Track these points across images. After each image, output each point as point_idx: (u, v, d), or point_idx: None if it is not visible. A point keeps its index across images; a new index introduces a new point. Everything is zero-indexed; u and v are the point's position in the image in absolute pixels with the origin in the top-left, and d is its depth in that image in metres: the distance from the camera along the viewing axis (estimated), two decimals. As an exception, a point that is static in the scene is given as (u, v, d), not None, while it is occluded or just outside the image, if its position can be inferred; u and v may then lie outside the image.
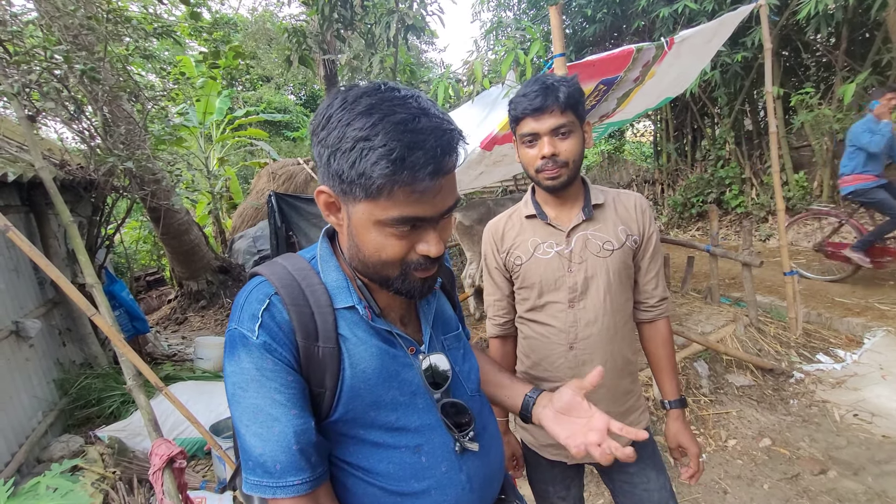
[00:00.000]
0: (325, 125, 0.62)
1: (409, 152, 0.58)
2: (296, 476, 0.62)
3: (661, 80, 3.06)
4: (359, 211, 0.63)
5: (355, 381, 0.67)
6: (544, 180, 1.13)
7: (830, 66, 6.73)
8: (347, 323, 0.69)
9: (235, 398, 0.64)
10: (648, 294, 1.25)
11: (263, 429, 0.62)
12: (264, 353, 0.63)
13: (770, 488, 2.24)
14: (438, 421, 0.73)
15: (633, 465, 1.25)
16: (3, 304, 2.81)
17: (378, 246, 0.65)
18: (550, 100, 1.07)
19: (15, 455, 2.53)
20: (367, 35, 5.84)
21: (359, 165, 0.59)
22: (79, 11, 3.19)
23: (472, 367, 0.85)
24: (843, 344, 3.59)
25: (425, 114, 0.60)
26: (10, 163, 2.91)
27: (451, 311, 0.89)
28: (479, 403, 0.83)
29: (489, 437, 0.81)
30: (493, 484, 0.81)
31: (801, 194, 6.92)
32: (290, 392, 0.63)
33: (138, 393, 2.18)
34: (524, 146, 1.14)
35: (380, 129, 0.58)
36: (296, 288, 0.68)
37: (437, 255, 0.66)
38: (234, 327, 0.65)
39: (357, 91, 0.62)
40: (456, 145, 0.63)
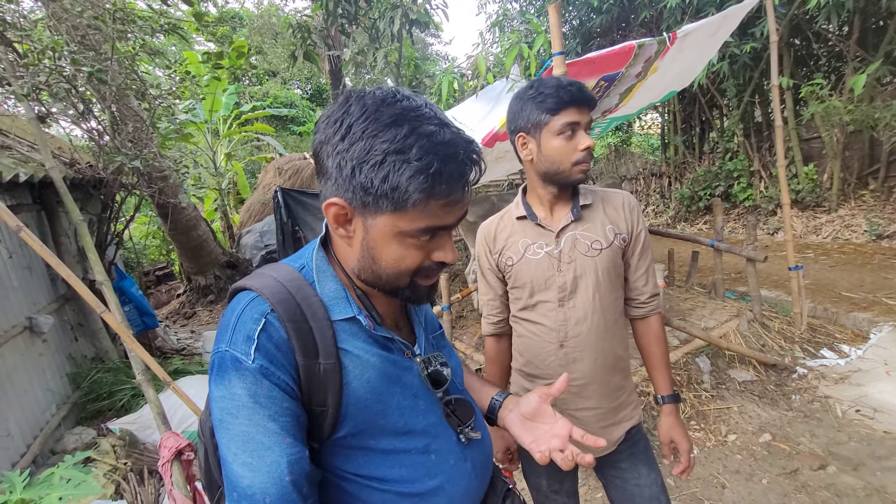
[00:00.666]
0: (346, 135, 0.60)
1: (445, 166, 0.58)
2: None
3: (664, 75, 3.03)
4: (380, 223, 0.62)
5: (361, 393, 0.66)
6: (577, 173, 1.14)
7: (842, 56, 6.60)
8: (347, 335, 0.67)
9: (224, 424, 0.59)
10: (639, 290, 1.27)
11: (254, 458, 0.58)
12: (260, 378, 0.59)
13: (768, 483, 2.25)
14: (440, 419, 0.74)
15: (625, 461, 1.28)
16: (17, 300, 2.89)
17: (398, 257, 0.64)
18: (589, 96, 1.12)
19: (30, 447, 2.61)
20: (372, 30, 5.84)
21: (392, 179, 0.58)
22: (86, 12, 3.23)
23: (456, 363, 0.87)
24: (848, 339, 3.57)
25: (445, 125, 0.61)
26: (21, 163, 2.97)
27: (432, 311, 0.91)
28: (469, 396, 0.86)
29: (479, 422, 0.84)
30: (489, 465, 0.85)
31: (810, 187, 6.84)
32: (284, 420, 0.60)
33: (147, 387, 2.24)
34: (559, 137, 1.12)
35: (413, 142, 0.57)
36: (291, 302, 0.64)
37: (452, 262, 0.67)
38: (224, 349, 0.61)
39: (374, 99, 0.61)
40: (479, 157, 0.64)
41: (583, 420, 1.23)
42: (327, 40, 6.44)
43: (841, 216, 6.63)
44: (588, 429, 1.23)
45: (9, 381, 2.61)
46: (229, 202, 10.08)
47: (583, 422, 1.23)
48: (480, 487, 0.79)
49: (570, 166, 1.13)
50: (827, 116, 6.10)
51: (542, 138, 1.14)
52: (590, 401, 1.22)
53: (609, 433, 1.25)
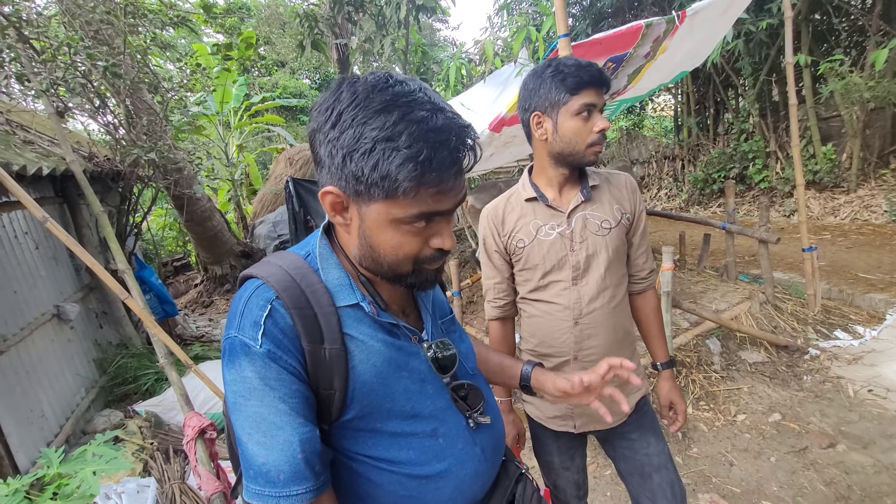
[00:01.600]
0: (336, 123, 0.59)
1: (436, 153, 0.57)
2: (299, 485, 0.61)
3: (673, 55, 2.98)
4: (374, 211, 0.62)
5: (367, 378, 0.67)
6: (591, 155, 1.15)
7: (864, 30, 6.38)
8: (352, 321, 0.68)
9: (237, 407, 0.62)
10: (640, 267, 1.32)
11: (267, 437, 0.60)
12: (268, 361, 0.61)
13: (777, 461, 2.28)
14: (449, 403, 0.75)
15: (634, 432, 1.32)
16: (45, 289, 3.02)
17: (396, 244, 0.64)
18: (605, 79, 1.13)
19: (63, 427, 2.76)
20: (378, 17, 5.82)
21: (382, 167, 0.57)
22: (98, 7, 3.29)
23: (468, 347, 0.88)
24: (863, 320, 3.53)
25: (440, 110, 0.59)
26: (43, 157, 3.07)
27: (442, 295, 0.91)
28: (480, 380, 0.87)
29: (491, 407, 0.85)
30: (500, 449, 0.85)
31: (828, 167, 6.67)
32: (294, 401, 0.62)
33: (170, 370, 2.34)
34: (576, 118, 1.12)
35: (402, 129, 0.56)
36: (296, 289, 0.65)
37: (451, 248, 0.67)
38: (233, 335, 0.63)
39: (365, 85, 0.60)
40: (473, 143, 0.63)
41: None
42: (334, 29, 6.43)
43: (860, 196, 6.47)
44: (601, 402, 1.28)
45: (41, 366, 2.75)
46: (242, 193, 10.22)
47: None
48: (490, 471, 0.80)
49: (584, 148, 1.14)
50: (847, 94, 5.92)
51: (559, 118, 1.14)
52: None
53: (620, 405, 1.29)
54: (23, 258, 2.87)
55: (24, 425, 2.43)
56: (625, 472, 1.35)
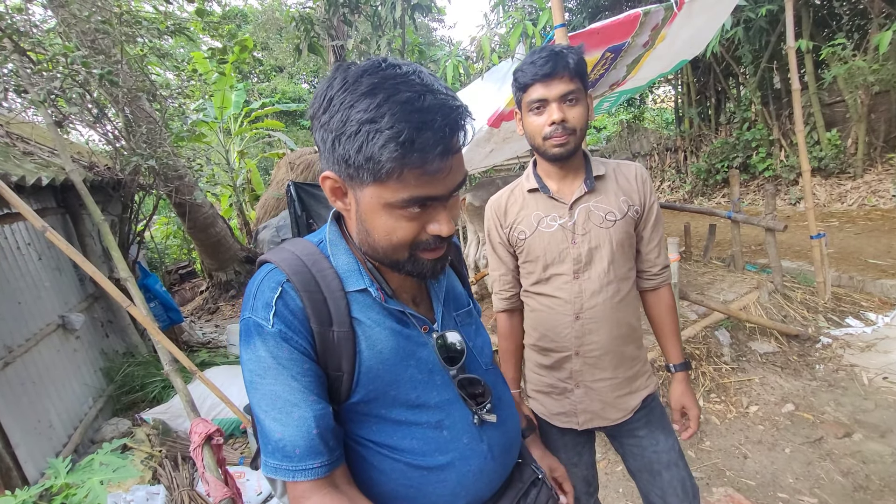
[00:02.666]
0: (327, 108, 0.60)
1: (418, 133, 0.56)
2: (315, 459, 0.63)
3: (673, 43, 2.94)
4: (367, 195, 0.62)
5: (373, 363, 0.68)
6: (551, 148, 1.12)
7: (865, 13, 6.29)
8: (360, 306, 0.69)
9: (253, 385, 0.65)
10: (651, 263, 1.27)
11: (283, 414, 0.63)
12: (280, 341, 0.63)
13: (792, 452, 2.24)
14: (456, 396, 0.74)
15: (642, 429, 1.28)
16: (49, 300, 3.02)
17: (389, 229, 0.64)
18: (560, 66, 1.07)
19: (71, 437, 2.75)
20: (374, 17, 5.80)
21: (366, 149, 0.57)
22: (93, 17, 3.29)
23: (484, 341, 0.86)
24: (874, 307, 3.48)
25: (430, 91, 0.58)
26: (42, 167, 3.08)
27: (460, 287, 0.90)
28: (494, 376, 0.85)
29: (505, 407, 0.83)
30: (512, 451, 0.84)
31: (833, 153, 6.60)
32: (307, 379, 0.64)
33: (175, 377, 2.33)
34: (531, 114, 1.13)
35: (386, 111, 0.55)
36: (306, 274, 0.67)
37: (448, 235, 0.65)
38: (248, 316, 0.66)
39: (357, 70, 0.60)
40: (464, 122, 0.61)
41: (599, 391, 1.24)
42: (330, 31, 6.42)
43: (867, 182, 6.39)
44: (604, 399, 1.25)
45: (48, 376, 2.75)
46: (245, 199, 10.24)
47: (599, 392, 1.24)
48: (498, 470, 0.79)
49: (542, 141, 1.13)
50: (850, 78, 5.85)
51: (523, 115, 1.16)
52: (605, 371, 1.23)
53: (625, 402, 1.26)
54: (26, 269, 2.87)
55: (32, 436, 2.43)
56: (634, 470, 1.32)
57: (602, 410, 1.26)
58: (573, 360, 1.24)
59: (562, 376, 1.27)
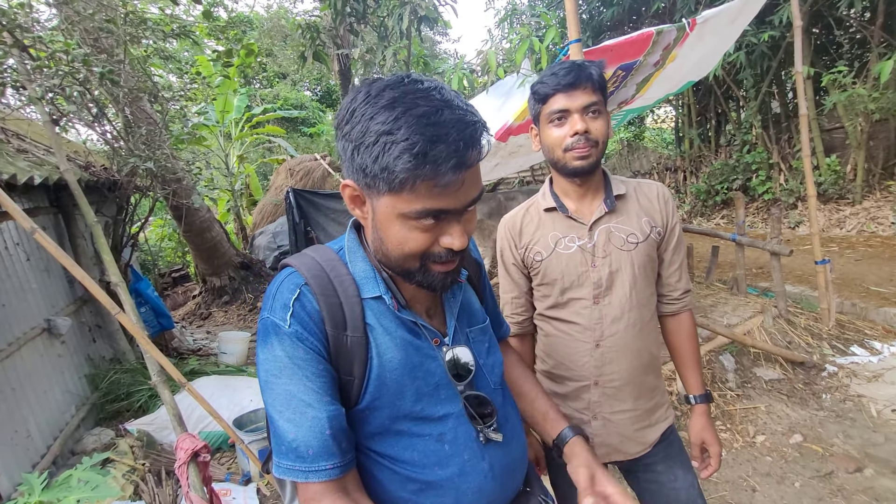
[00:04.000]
0: (349, 119, 0.62)
1: (432, 146, 0.57)
2: (327, 461, 0.63)
3: (682, 64, 2.94)
4: (382, 204, 0.63)
5: (381, 371, 0.69)
6: (573, 160, 1.07)
7: (865, 42, 6.39)
8: (374, 313, 0.71)
9: (269, 385, 0.65)
10: (672, 287, 1.21)
11: (297, 415, 0.63)
12: (296, 341, 0.65)
13: (801, 486, 2.16)
14: (461, 411, 0.74)
15: (660, 464, 1.21)
16: (35, 302, 2.91)
17: (401, 239, 0.65)
18: (583, 76, 1.04)
19: (50, 447, 2.63)
20: (380, 28, 5.81)
21: (382, 160, 0.59)
22: (97, 15, 3.25)
23: (496, 360, 0.85)
24: (879, 335, 3.43)
25: (448, 106, 0.59)
26: (36, 165, 3.00)
27: (477, 303, 0.89)
28: (502, 396, 0.84)
29: (511, 428, 0.82)
30: (516, 474, 0.82)
31: (832, 179, 6.64)
32: (321, 380, 0.65)
33: (163, 389, 2.23)
34: (551, 126, 1.09)
35: (402, 123, 0.57)
36: (324, 278, 0.69)
37: (461, 248, 0.66)
38: (266, 316, 0.67)
39: (380, 84, 0.62)
40: (479, 137, 0.62)
41: (618, 423, 1.17)
42: (336, 40, 6.42)
43: (866, 208, 6.42)
44: (623, 432, 1.17)
45: (28, 383, 2.63)
46: (242, 204, 10.15)
47: (618, 425, 1.17)
48: (499, 491, 0.77)
49: (562, 153, 1.08)
50: (850, 105, 5.91)
51: (541, 129, 1.13)
52: (626, 403, 1.16)
53: (644, 435, 1.18)
54: (13, 270, 2.77)
55: (8, 447, 2.31)
56: None
57: (621, 444, 1.18)
58: (592, 390, 1.17)
59: (578, 406, 1.20)
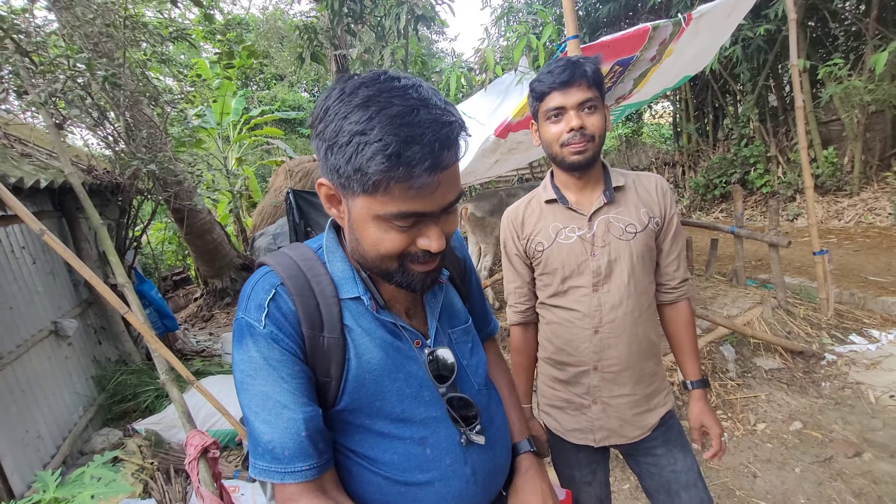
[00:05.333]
0: (323, 117, 0.60)
1: (405, 147, 0.55)
2: (304, 462, 0.63)
3: (679, 58, 2.97)
4: (357, 205, 0.62)
5: (360, 372, 0.68)
6: (570, 155, 1.11)
7: (860, 34, 6.42)
8: (353, 314, 0.69)
9: (244, 385, 0.64)
10: (670, 276, 1.24)
11: (272, 416, 0.62)
12: (271, 342, 0.63)
13: (802, 472, 2.20)
14: (444, 414, 0.73)
15: (660, 447, 1.25)
16: (41, 305, 2.95)
17: (377, 240, 0.63)
18: (578, 73, 1.07)
19: (60, 448, 2.66)
20: (378, 28, 5.83)
21: (355, 160, 0.57)
22: (97, 20, 3.27)
23: (479, 360, 0.84)
24: (877, 324, 3.47)
25: (424, 105, 0.57)
26: (41, 170, 3.02)
27: (460, 303, 0.87)
28: (486, 398, 0.82)
29: (495, 430, 0.81)
30: (498, 477, 0.81)
31: (830, 171, 6.66)
32: (297, 381, 0.64)
33: (171, 386, 2.26)
34: (548, 122, 1.12)
35: (376, 123, 0.55)
36: (301, 278, 0.68)
37: (438, 251, 0.64)
38: (241, 316, 0.66)
39: (355, 82, 0.60)
40: (456, 138, 0.60)
41: (617, 407, 1.20)
42: (333, 40, 6.44)
43: (864, 199, 6.45)
44: (622, 416, 1.21)
45: (37, 384, 2.66)
46: (242, 206, 10.18)
47: (617, 409, 1.20)
48: (481, 496, 0.76)
49: (559, 149, 1.12)
50: (846, 97, 5.94)
51: (540, 125, 1.16)
52: (625, 388, 1.20)
53: (643, 420, 1.22)
54: (19, 273, 2.80)
55: (19, 447, 2.34)
56: (650, 490, 1.28)
57: (620, 428, 1.22)
58: (591, 374, 1.20)
59: (578, 391, 1.23)
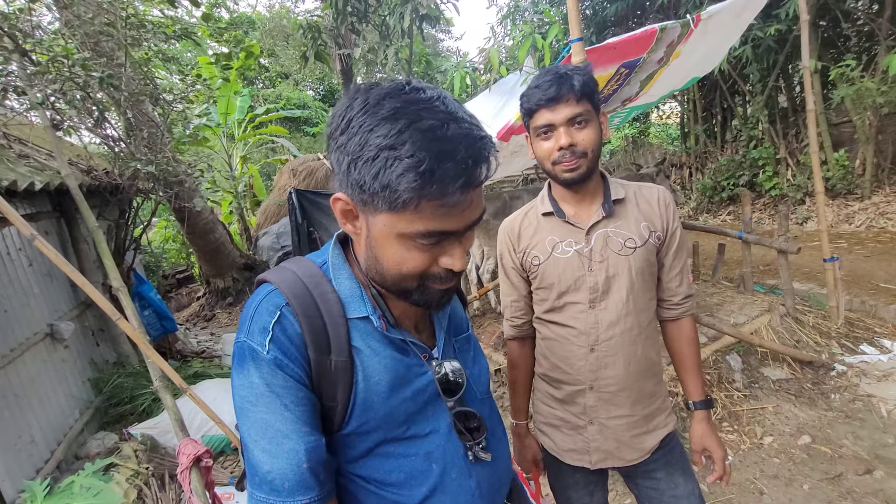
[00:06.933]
0: (346, 129, 0.58)
1: (439, 164, 0.53)
2: (304, 495, 0.60)
3: (687, 60, 2.89)
4: (380, 222, 0.60)
5: (368, 394, 0.66)
6: (562, 173, 1.08)
7: (873, 35, 6.29)
8: (361, 334, 0.67)
9: (244, 412, 0.62)
10: (672, 292, 1.19)
11: (272, 445, 0.60)
12: (275, 368, 0.61)
13: (810, 489, 2.12)
14: (449, 427, 0.72)
15: (660, 470, 1.19)
16: (38, 307, 2.92)
17: (399, 259, 0.61)
18: (565, 89, 1.02)
19: (54, 452, 2.63)
20: (382, 27, 5.77)
21: (383, 177, 0.54)
22: (97, 19, 3.24)
23: (481, 369, 0.83)
24: (889, 333, 3.38)
25: (454, 119, 0.56)
26: (37, 171, 3.00)
27: (461, 311, 0.87)
28: (488, 407, 0.81)
29: (497, 441, 0.80)
30: (502, 490, 0.81)
31: (841, 174, 6.54)
32: (300, 409, 0.61)
33: (164, 394, 2.22)
34: (539, 139, 1.09)
35: (406, 138, 0.53)
36: (307, 297, 0.65)
37: (461, 270, 0.63)
38: (243, 339, 0.63)
39: (379, 92, 0.57)
40: (488, 155, 0.58)
41: (614, 429, 1.15)
42: (338, 39, 6.40)
43: (875, 203, 6.33)
44: (620, 438, 1.16)
45: (32, 388, 2.64)
46: (246, 205, 10.17)
47: (614, 430, 1.15)
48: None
49: (551, 166, 1.09)
50: (859, 99, 5.81)
51: (532, 140, 1.13)
52: (622, 408, 1.14)
53: (642, 442, 1.16)
54: (15, 276, 2.77)
55: (12, 452, 2.31)
56: None
57: (617, 450, 1.17)
58: (587, 394, 1.15)
59: (574, 411, 1.18)
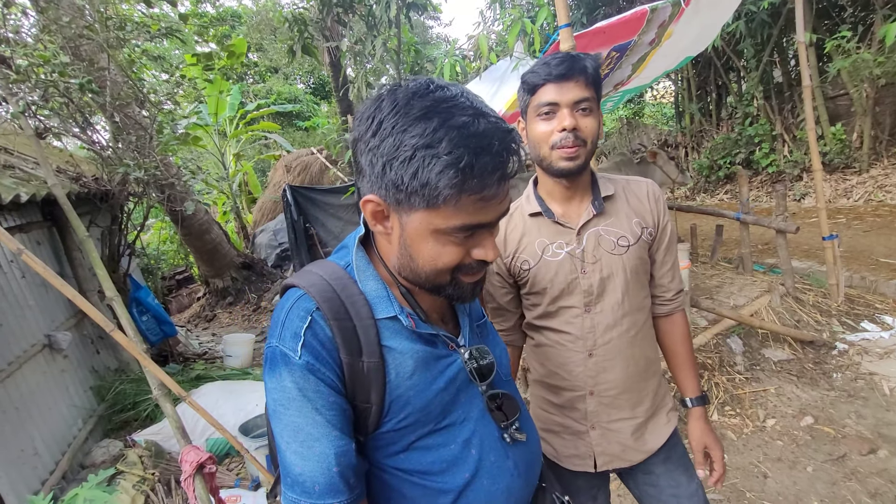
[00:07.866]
0: (377, 131, 0.59)
1: (477, 159, 0.56)
2: (334, 498, 0.62)
3: (679, 40, 2.83)
4: (415, 220, 0.61)
5: (403, 391, 0.67)
6: (559, 160, 1.00)
7: (869, 4, 6.17)
8: (390, 333, 0.68)
9: (276, 414, 0.63)
10: (665, 287, 1.16)
11: (304, 448, 0.61)
12: (307, 373, 0.62)
13: (814, 471, 2.13)
14: (483, 411, 0.73)
15: (659, 467, 1.17)
16: (34, 319, 2.90)
17: (435, 254, 0.63)
18: (577, 68, 0.96)
19: (59, 463, 2.63)
20: (368, 17, 5.66)
21: (422, 175, 0.56)
22: (75, 22, 3.16)
23: (502, 351, 0.84)
24: (890, 309, 3.37)
25: (482, 114, 0.58)
26: (23, 182, 2.95)
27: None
28: (514, 388, 0.83)
29: (526, 423, 0.81)
30: (535, 467, 0.82)
31: (838, 148, 6.48)
32: (331, 413, 0.63)
33: (164, 402, 2.21)
34: (538, 119, 1.00)
35: (442, 136, 0.55)
36: (336, 300, 0.66)
37: (493, 260, 0.65)
38: (275, 345, 0.64)
39: (405, 92, 0.59)
40: (517, 147, 0.60)
41: (618, 432, 1.12)
42: (324, 31, 6.28)
43: (873, 176, 6.28)
44: (623, 441, 1.13)
45: (32, 400, 2.63)
46: (242, 202, 10.11)
47: (618, 434, 1.12)
48: (524, 489, 0.78)
49: (548, 151, 1.01)
50: (855, 71, 5.73)
51: (528, 122, 1.05)
52: (623, 411, 1.12)
53: (646, 443, 1.14)
54: (9, 288, 2.74)
55: (15, 466, 2.31)
56: None
57: (622, 453, 1.14)
58: (587, 400, 1.12)
59: (576, 417, 1.15)
